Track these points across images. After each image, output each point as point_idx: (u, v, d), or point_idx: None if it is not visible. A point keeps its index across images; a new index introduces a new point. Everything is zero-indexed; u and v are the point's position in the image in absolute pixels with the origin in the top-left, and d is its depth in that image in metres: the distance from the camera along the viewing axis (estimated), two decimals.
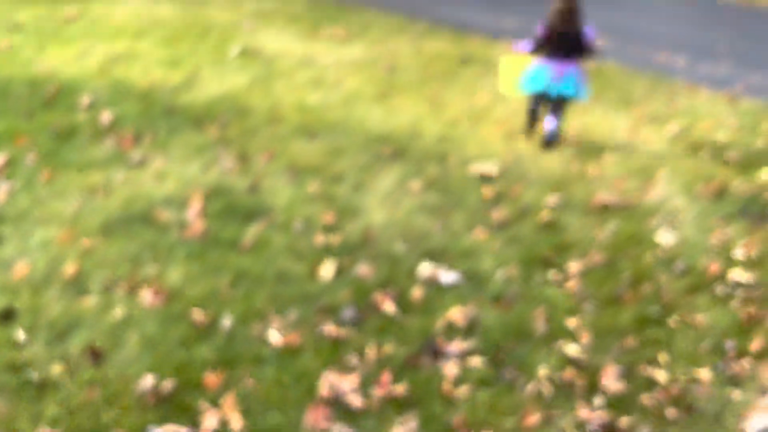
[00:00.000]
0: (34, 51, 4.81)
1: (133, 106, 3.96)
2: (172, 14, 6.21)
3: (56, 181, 3.04)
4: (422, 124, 4.14)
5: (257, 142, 3.66)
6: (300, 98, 4.39)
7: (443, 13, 7.45)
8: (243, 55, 5.13)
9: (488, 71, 5.30)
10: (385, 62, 5.30)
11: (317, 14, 6.87)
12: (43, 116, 3.72)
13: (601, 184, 3.53)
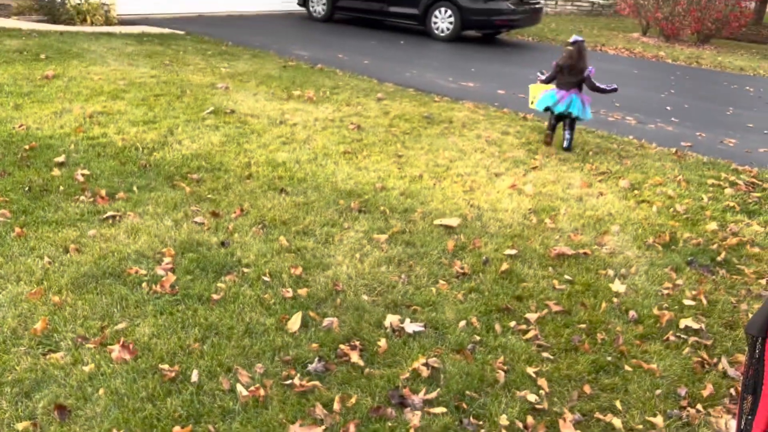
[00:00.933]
0: (10, 110, 4.91)
1: (107, 164, 4.06)
2: (149, 75, 6.37)
3: (28, 238, 3.10)
4: (388, 180, 4.31)
5: (229, 198, 3.77)
6: (271, 155, 4.54)
7: (408, 77, 7.78)
8: (217, 115, 5.29)
9: (450, 131, 5.54)
10: (353, 122, 5.51)
11: (290, 76, 7.11)
12: (18, 174, 3.79)
13: (557, 236, 3.71)
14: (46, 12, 9.56)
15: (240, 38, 9.40)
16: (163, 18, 11.05)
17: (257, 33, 10.23)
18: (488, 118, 6.04)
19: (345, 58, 8.64)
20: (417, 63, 8.85)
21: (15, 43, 7.33)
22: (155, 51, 7.71)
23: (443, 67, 8.74)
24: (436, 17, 11.09)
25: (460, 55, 9.94)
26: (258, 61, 7.82)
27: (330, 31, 11.34)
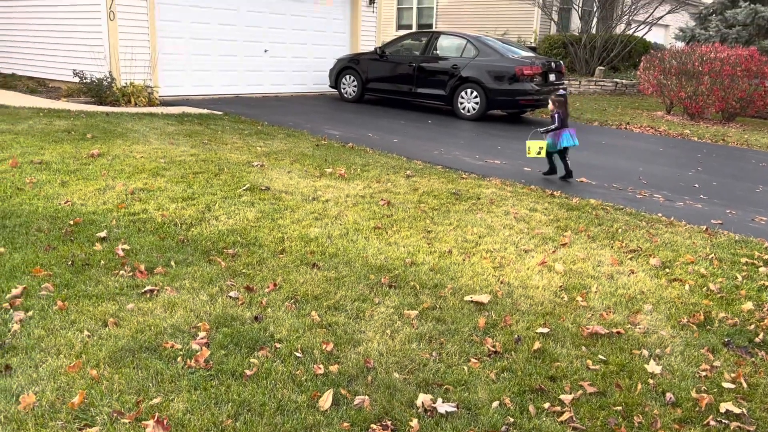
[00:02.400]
0: (57, 187, 5.15)
1: (147, 239, 4.21)
2: (189, 154, 6.65)
3: (70, 311, 3.20)
4: (417, 256, 4.37)
5: (263, 273, 3.86)
6: (304, 231, 4.66)
7: (436, 155, 7.98)
8: (253, 192, 5.47)
9: (478, 207, 5.62)
10: (383, 198, 5.63)
11: (322, 154, 7.35)
12: (62, 248, 3.95)
13: (589, 314, 3.68)
14: (93, 94, 10.12)
15: (275, 118, 9.80)
16: (203, 99, 11.60)
17: (291, 113, 10.66)
18: (516, 195, 6.12)
19: (375, 137, 8.91)
20: (444, 141, 9.07)
21: (64, 124, 7.75)
22: (195, 131, 8.06)
23: (470, 145, 8.94)
24: (463, 98, 11.43)
25: (487, 134, 10.17)
26: (292, 140, 8.12)
27: (360, 111, 11.74)
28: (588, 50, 18.77)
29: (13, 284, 3.40)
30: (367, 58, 12.83)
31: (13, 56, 12.35)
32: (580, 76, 18.83)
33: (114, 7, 10.20)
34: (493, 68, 11.14)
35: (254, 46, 12.94)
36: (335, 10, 14.45)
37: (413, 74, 12.06)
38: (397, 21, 22.42)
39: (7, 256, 3.78)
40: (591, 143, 10.02)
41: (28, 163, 5.76)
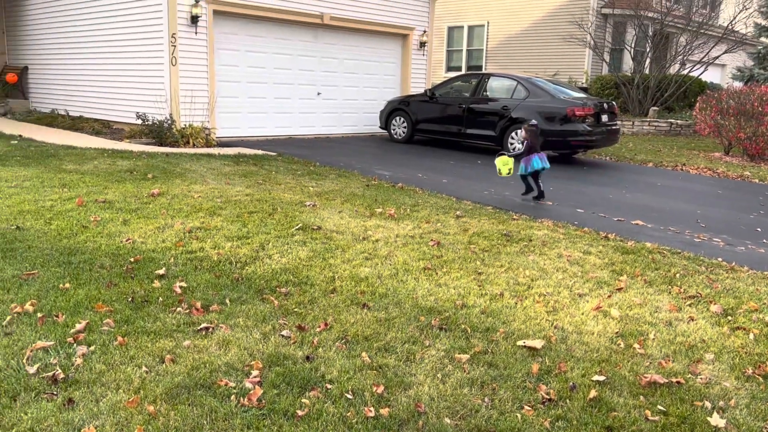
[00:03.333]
0: (119, 225, 5.37)
1: (203, 277, 4.33)
2: (245, 194, 6.85)
3: (129, 347, 3.30)
4: (468, 298, 4.33)
5: (314, 312, 3.90)
6: (354, 271, 4.70)
7: (486, 195, 7.96)
8: (305, 231, 5.57)
9: (530, 249, 5.56)
10: (432, 238, 5.64)
11: (372, 194, 7.44)
12: (123, 285, 4.09)
13: (647, 362, 3.56)
14: (154, 135, 10.57)
15: (327, 159, 10.00)
16: (257, 140, 11.95)
17: (342, 154, 10.86)
18: (568, 237, 6.03)
19: (424, 177, 8.97)
20: (494, 181, 9.05)
21: (126, 164, 8.10)
22: (250, 171, 8.30)
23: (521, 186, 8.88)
24: (513, 138, 11.42)
25: None
26: (343, 180, 8.26)
27: (410, 152, 11.87)
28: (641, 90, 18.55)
29: (77, 319, 3.54)
30: (417, 100, 13.02)
31: (82, 100, 13.06)
32: (633, 116, 18.58)
33: (176, 53, 10.71)
34: (543, 109, 11.13)
35: (308, 89, 13.32)
36: (387, 54, 14.78)
37: (463, 115, 12.16)
38: (447, 63, 22.73)
39: (72, 291, 3.94)
40: (646, 185, 9.82)
41: (93, 202, 6.03)
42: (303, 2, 12.56)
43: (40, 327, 3.44)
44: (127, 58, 11.68)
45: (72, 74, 13.28)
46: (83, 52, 12.82)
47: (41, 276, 4.16)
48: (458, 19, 22.22)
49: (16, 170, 7.30)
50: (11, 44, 15.27)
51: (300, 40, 12.99)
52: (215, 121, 11.50)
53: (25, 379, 2.90)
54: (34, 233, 5.02)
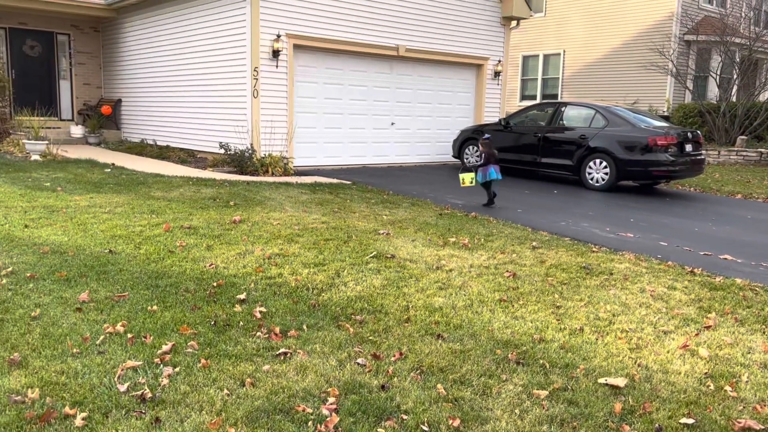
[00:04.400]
0: (203, 250, 5.60)
1: (282, 303, 4.43)
2: (321, 221, 7.00)
3: (212, 369, 3.41)
4: (546, 332, 4.23)
5: (389, 341, 3.91)
6: (428, 300, 4.69)
7: (563, 226, 7.79)
8: (379, 259, 5.62)
9: (610, 283, 5.38)
10: (508, 269, 5.56)
11: (445, 223, 7.43)
12: (206, 308, 4.25)
13: (740, 406, 3.35)
14: (236, 164, 11.01)
15: (399, 187, 10.09)
16: (332, 169, 12.22)
17: (415, 182, 10.93)
18: (651, 271, 5.80)
19: (498, 207, 8.89)
20: (571, 212, 8.85)
21: (210, 192, 8.46)
22: (326, 199, 8.49)
23: (599, 217, 8.65)
24: (591, 168, 11.16)
25: (617, 205, 9.80)
26: (416, 209, 8.30)
27: None
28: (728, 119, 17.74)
29: (163, 341, 3.70)
30: (491, 129, 12.96)
31: (169, 130, 13.80)
32: (719, 145, 17.77)
33: (258, 86, 11.17)
34: (623, 138, 10.84)
35: (382, 119, 13.55)
36: (461, 84, 14.86)
37: (538, 144, 12.01)
38: (521, 92, 22.57)
39: (159, 313, 4.12)
40: (734, 217, 9.33)
41: (179, 228, 6.32)
42: (379, 35, 12.86)
43: (130, 347, 3.61)
44: (211, 91, 12.28)
45: (160, 106, 14.08)
46: (171, 85, 13.58)
47: (131, 298, 4.38)
48: (533, 48, 22.09)
49: (109, 197, 7.76)
50: (107, 79, 16.38)
51: (375, 71, 13.26)
52: (293, 150, 11.85)
53: (116, 396, 3.05)
54: (125, 257, 5.30)
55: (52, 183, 8.57)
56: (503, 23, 15.08)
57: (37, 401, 2.96)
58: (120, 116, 15.89)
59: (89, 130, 15.28)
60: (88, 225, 6.26)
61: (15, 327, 3.78)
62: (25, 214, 6.63)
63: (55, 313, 4.03)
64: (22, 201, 7.24)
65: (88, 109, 16.10)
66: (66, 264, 5.01)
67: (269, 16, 11.18)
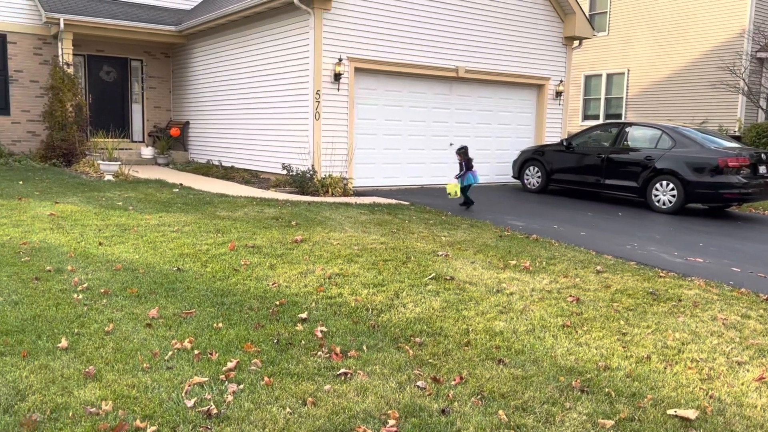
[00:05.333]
0: (266, 269, 5.73)
1: (342, 322, 4.48)
2: (380, 242, 7.05)
3: (274, 387, 3.47)
4: (611, 359, 4.11)
5: (449, 365, 3.88)
6: (488, 324, 4.63)
7: (628, 250, 7.57)
8: (438, 281, 5.60)
9: (679, 310, 5.18)
10: (571, 294, 5.44)
11: (505, 246, 7.34)
12: (269, 327, 4.34)
13: None
14: (297, 185, 11.24)
15: (458, 208, 10.04)
16: (391, 189, 12.30)
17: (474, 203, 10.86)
18: (723, 299, 5.55)
19: (560, 229, 8.72)
20: (637, 235, 8.59)
21: (272, 212, 8.66)
22: (384, 220, 8.55)
23: (666, 241, 8.36)
24: (657, 190, 10.83)
25: (685, 228, 9.45)
26: (475, 230, 8.24)
27: (544, 202, 11.62)
28: None
29: (228, 358, 3.79)
30: (553, 149, 12.79)
31: (233, 152, 14.24)
32: None
33: (320, 109, 11.41)
34: (692, 160, 10.48)
35: (440, 140, 13.57)
36: (521, 104, 14.75)
37: (601, 165, 11.75)
38: (584, 112, 22.18)
39: (224, 331, 4.23)
40: None
41: (243, 247, 6.49)
42: (439, 57, 12.94)
43: (197, 363, 3.72)
44: (274, 113, 12.63)
45: (225, 128, 14.56)
46: (235, 108, 14.04)
47: (198, 315, 4.52)
48: (596, 68, 21.72)
49: (177, 216, 8.05)
50: (176, 102, 17.09)
51: (435, 93, 13.33)
52: (352, 171, 12.01)
53: (183, 411, 3.14)
54: (192, 275, 5.48)
55: (124, 202, 8.97)
56: (565, 43, 14.93)
57: (110, 413, 3.08)
58: (187, 138, 16.51)
59: (158, 151, 15.94)
60: (157, 243, 6.51)
61: (90, 341, 3.96)
62: (99, 232, 6.95)
63: (127, 328, 4.20)
64: (97, 219, 7.61)
65: (158, 131, 16.81)
66: (137, 281, 5.22)
67: (331, 40, 11.44)
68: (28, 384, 3.33)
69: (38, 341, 3.90)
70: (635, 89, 20.91)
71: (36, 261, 5.67)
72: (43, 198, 9.05)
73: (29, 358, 3.65)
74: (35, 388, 3.29)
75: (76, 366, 3.58)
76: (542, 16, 14.44)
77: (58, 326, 4.16)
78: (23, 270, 5.37)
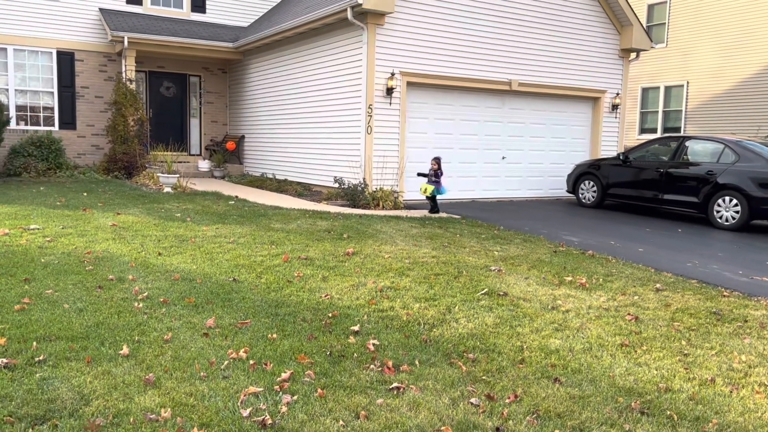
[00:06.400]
0: (319, 281, 5.78)
1: (394, 336, 4.47)
2: (431, 255, 7.03)
3: (327, 399, 3.48)
4: (673, 381, 3.96)
5: (503, 382, 3.82)
6: (543, 342, 4.54)
7: (689, 268, 7.31)
8: (491, 296, 5.54)
9: (745, 331, 4.96)
10: (629, 312, 5.28)
11: (560, 262, 7.20)
12: (322, 339, 4.37)
13: None
14: (348, 198, 11.33)
15: (510, 223, 9.92)
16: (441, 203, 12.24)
17: (526, 218, 10.71)
18: None
19: (617, 245, 8.50)
20: (698, 252, 8.29)
21: (325, 224, 8.75)
22: (435, 233, 8.51)
23: (730, 259, 8.03)
24: (720, 206, 10.44)
25: (750, 246, 9.06)
26: (529, 245, 8.11)
27: (600, 217, 11.36)
28: None
29: (282, 368, 3.83)
30: (609, 164, 12.51)
31: (287, 165, 14.48)
32: None
33: (372, 123, 11.50)
34: (757, 174, 10.07)
35: (492, 153, 13.47)
36: (576, 117, 14.51)
37: (660, 180, 11.42)
38: (640, 125, 21.63)
39: (278, 341, 4.28)
40: None
41: (296, 259, 6.57)
42: (492, 71, 12.88)
43: (252, 373, 3.77)
44: (327, 127, 12.79)
45: (279, 142, 14.83)
46: (289, 122, 14.30)
47: (252, 325, 4.59)
48: (654, 80, 21.18)
49: (233, 228, 8.23)
50: (232, 116, 17.54)
51: (487, 106, 13.26)
52: (403, 184, 12.03)
53: (239, 421, 3.18)
54: (247, 285, 5.58)
55: (182, 214, 9.23)
56: (622, 55, 14.63)
57: (169, 420, 3.15)
58: (243, 151, 16.91)
59: (215, 164, 16.36)
60: (214, 254, 6.67)
61: (150, 349, 4.07)
62: (158, 242, 7.17)
63: (185, 337, 4.30)
64: (156, 230, 7.85)
65: (215, 145, 17.27)
66: (194, 291, 5.35)
67: (384, 55, 11.54)
68: (92, 389, 3.45)
69: (101, 348, 4.03)
70: (695, 102, 20.28)
71: (99, 270, 5.88)
72: (105, 209, 9.41)
73: (93, 364, 3.77)
74: (98, 394, 3.40)
75: (136, 373, 3.69)
76: (598, 28, 14.20)
77: (120, 333, 4.29)
78: (87, 278, 5.58)
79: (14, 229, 7.53)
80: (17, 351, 3.90)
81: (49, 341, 4.09)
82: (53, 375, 3.59)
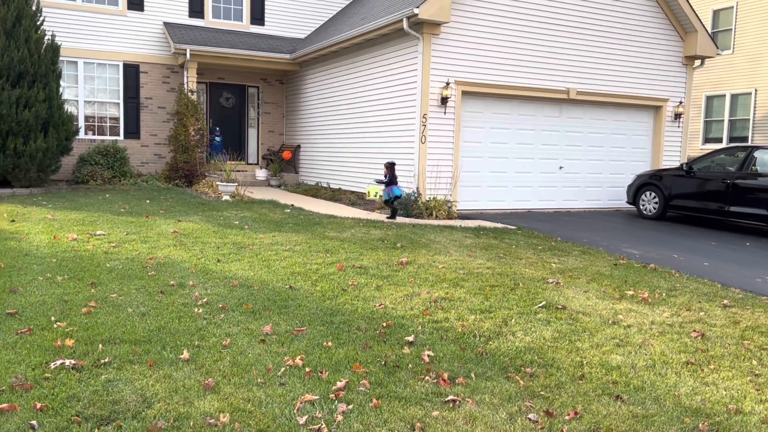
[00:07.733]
0: (373, 290, 5.79)
1: (449, 348, 4.42)
2: (486, 267, 6.93)
3: (382, 410, 3.46)
4: (743, 402, 3.77)
5: (562, 398, 3.71)
6: (604, 357, 4.40)
7: (759, 283, 6.97)
8: (548, 310, 5.41)
9: None
10: (695, 329, 5.07)
11: (621, 275, 6.99)
12: (376, 348, 4.36)
13: None
14: (402, 207, 11.31)
15: (568, 234, 9.71)
16: (496, 213, 12.10)
17: (585, 229, 10.46)
18: None
19: (681, 259, 8.19)
20: None
21: (378, 233, 8.77)
22: (490, 244, 8.40)
23: None
24: None
25: None
26: (587, 257, 7.91)
27: (661, 230, 10.98)
28: None
29: (338, 377, 3.84)
30: (672, 174, 12.10)
31: (341, 174, 14.61)
32: None
33: (426, 132, 11.49)
34: None
35: (549, 163, 13.23)
36: (636, 126, 14.12)
37: (726, 192, 10.96)
38: (704, 134, 20.86)
39: (333, 350, 4.30)
40: None
41: (351, 267, 6.60)
42: (549, 79, 12.68)
43: (308, 380, 3.79)
44: (381, 137, 12.85)
45: (334, 151, 14.99)
46: (343, 132, 14.43)
47: (308, 333, 4.62)
48: (718, 88, 20.41)
49: (289, 236, 8.34)
50: (288, 126, 17.84)
51: (544, 115, 13.05)
52: (457, 194, 11.95)
53: (295, 428, 3.20)
54: (302, 293, 5.63)
55: (240, 221, 9.42)
56: (685, 62, 14.17)
57: (227, 425, 3.20)
58: (298, 160, 17.16)
59: (271, 173, 16.67)
60: (270, 261, 6.77)
61: (209, 354, 4.15)
62: (217, 249, 7.33)
63: (243, 343, 4.37)
64: (215, 237, 8.03)
65: (271, 154, 17.60)
66: (252, 297, 5.43)
67: (439, 64, 11.53)
68: (154, 392, 3.53)
69: (163, 352, 4.14)
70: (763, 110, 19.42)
71: (161, 275, 6.06)
72: (167, 216, 9.70)
73: (155, 368, 3.87)
74: (160, 397, 3.48)
75: (196, 377, 3.76)
76: (660, 35, 13.80)
77: (181, 338, 4.40)
78: (149, 284, 5.75)
79: (82, 235, 7.84)
80: (84, 353, 4.04)
81: (114, 344, 4.22)
82: (117, 377, 3.70)
